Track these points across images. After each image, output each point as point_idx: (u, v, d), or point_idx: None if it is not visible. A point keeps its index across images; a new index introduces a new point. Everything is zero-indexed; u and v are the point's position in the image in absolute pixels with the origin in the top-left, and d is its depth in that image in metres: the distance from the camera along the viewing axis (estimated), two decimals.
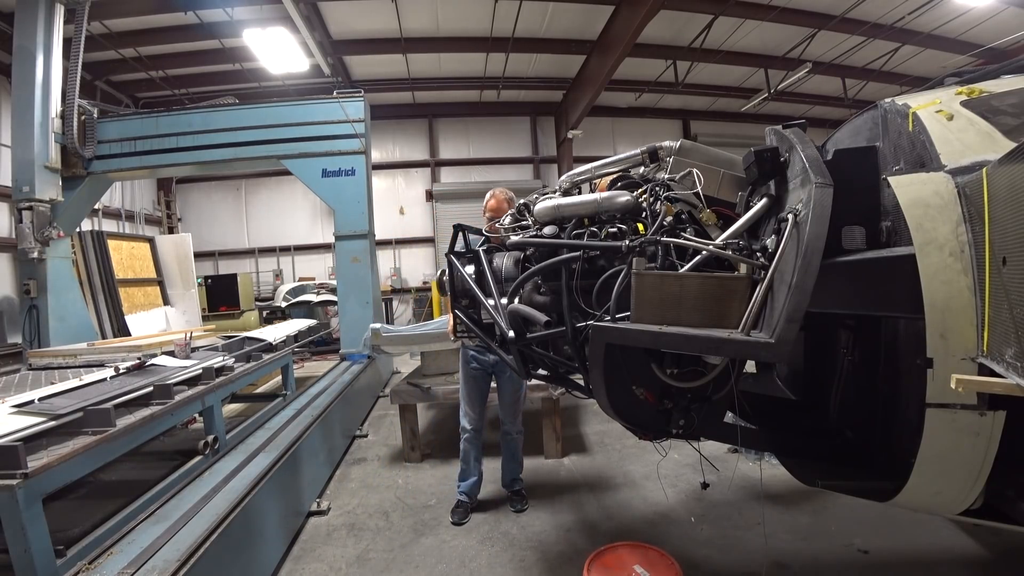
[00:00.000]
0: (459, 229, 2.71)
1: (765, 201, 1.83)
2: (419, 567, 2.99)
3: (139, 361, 3.46)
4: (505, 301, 2.29)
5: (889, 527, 3.07)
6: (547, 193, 2.49)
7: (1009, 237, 1.29)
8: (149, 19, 9.07)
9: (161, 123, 7.18)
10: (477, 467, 3.63)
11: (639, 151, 2.26)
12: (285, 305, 10.77)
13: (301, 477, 3.61)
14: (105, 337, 7.06)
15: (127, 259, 8.71)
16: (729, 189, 2.08)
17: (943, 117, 1.77)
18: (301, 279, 13.14)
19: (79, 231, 7.56)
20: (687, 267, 1.81)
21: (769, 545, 2.94)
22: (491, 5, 9.26)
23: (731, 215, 2.00)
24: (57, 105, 6.27)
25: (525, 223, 2.45)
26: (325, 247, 13.34)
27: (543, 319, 2.05)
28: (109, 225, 10.90)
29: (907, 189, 1.60)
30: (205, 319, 9.93)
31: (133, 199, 12.08)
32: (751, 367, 2.71)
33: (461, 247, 2.68)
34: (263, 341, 4.95)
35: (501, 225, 2.58)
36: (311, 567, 3.04)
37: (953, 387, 1.39)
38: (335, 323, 9.78)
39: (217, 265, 13.54)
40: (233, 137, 7.21)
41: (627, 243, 1.91)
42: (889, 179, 1.66)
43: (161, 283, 9.39)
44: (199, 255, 11.79)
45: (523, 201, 2.57)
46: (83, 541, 2.12)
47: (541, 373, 2.61)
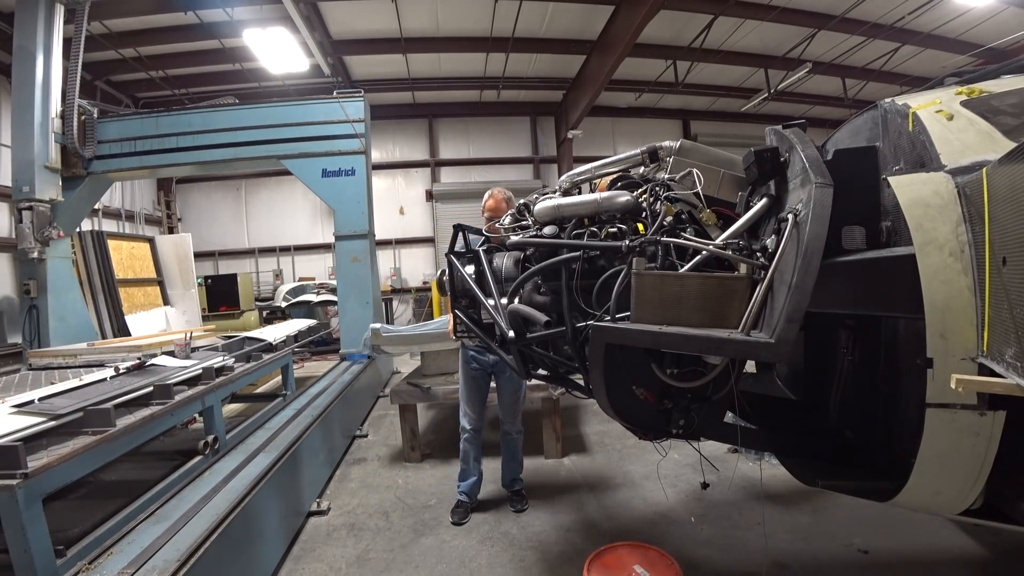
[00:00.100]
0: (459, 229, 2.71)
1: (765, 201, 1.83)
2: (419, 567, 2.99)
3: (139, 361, 3.46)
4: (505, 301, 2.29)
5: (889, 527, 3.07)
6: (547, 193, 2.49)
7: (1009, 237, 1.29)
8: (149, 19, 9.07)
9: (161, 123, 7.18)
10: (477, 467, 3.63)
11: (639, 151, 2.26)
12: (285, 305, 10.77)
13: (301, 477, 3.62)
14: (105, 337, 7.06)
15: (127, 259, 8.71)
16: (729, 189, 2.08)
17: (943, 117, 1.77)
18: (301, 279, 13.13)
19: (79, 231, 7.57)
20: (687, 267, 1.81)
21: (769, 545, 2.94)
22: (491, 5, 9.26)
23: (731, 215, 1.99)
24: (57, 105, 6.27)
25: (525, 223, 2.44)
26: (325, 247, 13.34)
27: (543, 319, 2.05)
28: (109, 225, 10.90)
29: (907, 189, 1.60)
30: (205, 319, 9.93)
31: (133, 199, 12.08)
32: (751, 367, 2.71)
33: (461, 247, 2.68)
34: (263, 341, 4.95)
35: (501, 225, 2.58)
36: (311, 567, 3.04)
37: (953, 387, 1.39)
38: (335, 323, 9.78)
39: (217, 265, 13.53)
40: (233, 137, 7.21)
41: (627, 243, 1.91)
42: (889, 179, 1.66)
43: (161, 283, 9.39)
44: (199, 255, 11.79)
45: (523, 201, 2.57)
46: (83, 541, 2.12)
47: (541, 373, 2.60)
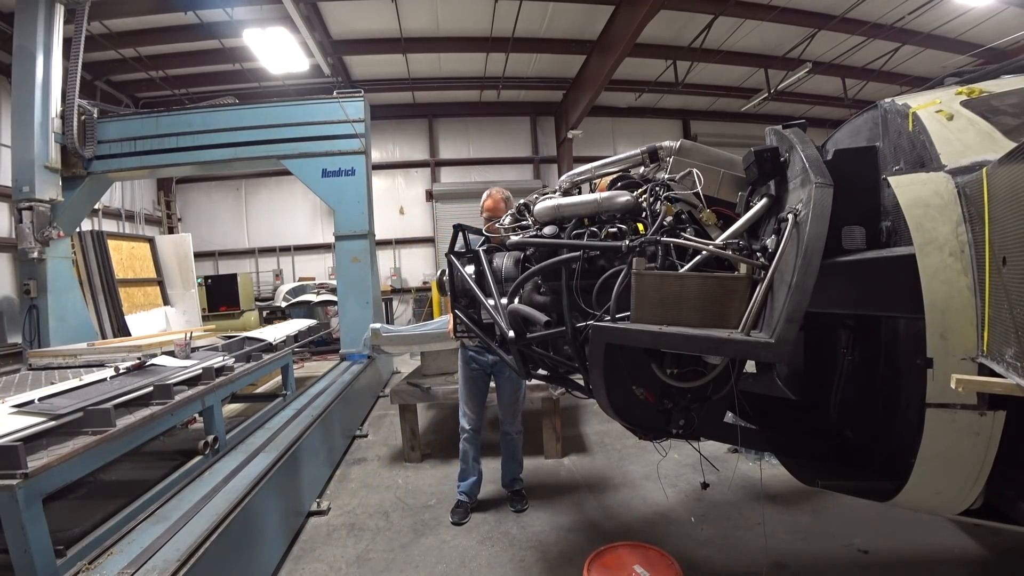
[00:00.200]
0: (459, 229, 2.71)
1: (765, 201, 1.83)
2: (419, 567, 2.99)
3: (139, 361, 3.46)
4: (505, 301, 2.29)
5: (889, 527, 3.07)
6: (547, 193, 2.49)
7: (1009, 237, 1.29)
8: (149, 19, 9.07)
9: (161, 123, 7.18)
10: (477, 467, 3.63)
11: (639, 151, 2.26)
12: (285, 305, 10.77)
13: (301, 477, 3.61)
14: (105, 337, 7.06)
15: (127, 259, 8.71)
16: (729, 189, 2.08)
17: (943, 117, 1.77)
18: (301, 279, 13.13)
19: (79, 231, 7.56)
20: (687, 267, 1.81)
21: (769, 545, 2.94)
22: (491, 5, 9.26)
23: (731, 215, 1.99)
24: (57, 105, 6.27)
25: (525, 223, 2.45)
26: (325, 247, 13.34)
27: (543, 319, 2.05)
28: (109, 225, 10.90)
29: (907, 189, 1.60)
30: (205, 319, 9.93)
31: (133, 199, 12.07)
32: (751, 367, 2.71)
33: (461, 247, 2.68)
34: (263, 341, 4.95)
35: (501, 225, 2.58)
36: (311, 567, 3.04)
37: (953, 387, 1.39)
38: (335, 323, 9.77)
39: (217, 265, 13.53)
40: (233, 137, 7.21)
41: (627, 243, 1.91)
42: (889, 179, 1.66)
43: (161, 283, 9.39)
44: (199, 255, 11.79)
45: (523, 201, 2.57)
46: (83, 541, 2.12)
47: (541, 373, 2.61)
